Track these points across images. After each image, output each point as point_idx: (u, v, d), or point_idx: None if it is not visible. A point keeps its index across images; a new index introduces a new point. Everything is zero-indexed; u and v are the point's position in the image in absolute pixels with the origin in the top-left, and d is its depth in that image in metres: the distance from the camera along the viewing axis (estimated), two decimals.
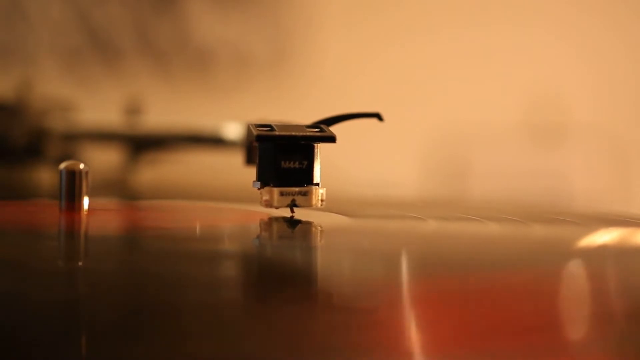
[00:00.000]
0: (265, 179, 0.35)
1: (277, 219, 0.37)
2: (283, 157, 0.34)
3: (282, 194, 0.34)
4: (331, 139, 0.35)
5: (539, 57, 1.02)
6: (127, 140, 0.64)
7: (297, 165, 0.35)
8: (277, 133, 0.34)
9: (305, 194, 0.35)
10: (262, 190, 0.35)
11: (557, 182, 0.97)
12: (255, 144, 0.35)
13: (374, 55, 1.03)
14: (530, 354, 0.20)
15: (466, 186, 0.98)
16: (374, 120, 0.37)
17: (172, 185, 0.62)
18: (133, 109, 0.64)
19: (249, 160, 0.44)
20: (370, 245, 0.33)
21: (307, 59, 1.03)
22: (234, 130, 0.61)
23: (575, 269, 0.29)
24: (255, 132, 0.34)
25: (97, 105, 0.68)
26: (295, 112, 0.39)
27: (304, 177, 0.35)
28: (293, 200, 0.35)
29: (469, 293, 0.25)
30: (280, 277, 0.27)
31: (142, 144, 0.64)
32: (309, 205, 0.35)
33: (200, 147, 0.63)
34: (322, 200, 0.35)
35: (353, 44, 1.03)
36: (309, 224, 0.36)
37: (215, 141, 0.62)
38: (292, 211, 0.35)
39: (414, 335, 0.21)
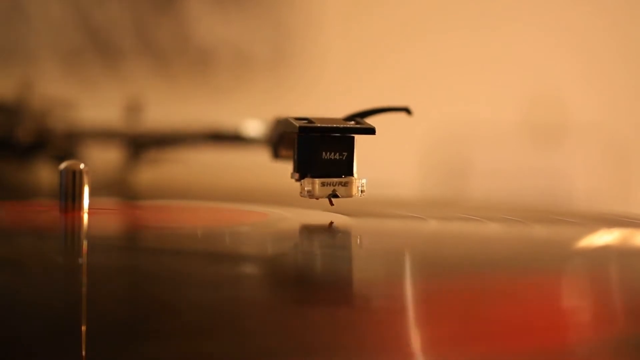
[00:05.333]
0: (304, 170, 0.35)
1: (284, 218, 0.37)
2: (324, 148, 0.35)
3: (323, 184, 0.35)
4: (371, 130, 0.35)
5: (539, 57, 1.02)
6: (128, 140, 0.64)
7: (337, 156, 0.35)
8: (319, 125, 0.34)
9: (346, 184, 0.35)
10: (303, 181, 0.35)
11: (557, 182, 0.97)
12: (293, 137, 0.35)
13: (374, 56, 1.03)
14: (530, 354, 0.20)
15: (466, 186, 0.98)
16: (374, 120, 0.37)
17: (173, 184, 0.62)
18: (133, 109, 0.64)
19: (277, 155, 0.44)
20: (371, 245, 0.33)
21: (307, 59, 1.03)
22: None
23: (576, 269, 0.29)
24: (297, 124, 0.34)
25: (97, 104, 0.68)
26: (295, 112, 0.39)
27: (344, 168, 0.35)
28: (334, 191, 0.35)
29: (469, 293, 0.25)
30: (279, 275, 0.27)
31: (143, 144, 0.64)
32: (349, 195, 0.35)
33: (199, 146, 0.63)
34: (362, 191, 0.35)
35: (353, 44, 1.03)
36: (310, 224, 0.36)
37: (215, 139, 0.62)
38: (331, 202, 0.36)
39: (414, 334, 0.21)
